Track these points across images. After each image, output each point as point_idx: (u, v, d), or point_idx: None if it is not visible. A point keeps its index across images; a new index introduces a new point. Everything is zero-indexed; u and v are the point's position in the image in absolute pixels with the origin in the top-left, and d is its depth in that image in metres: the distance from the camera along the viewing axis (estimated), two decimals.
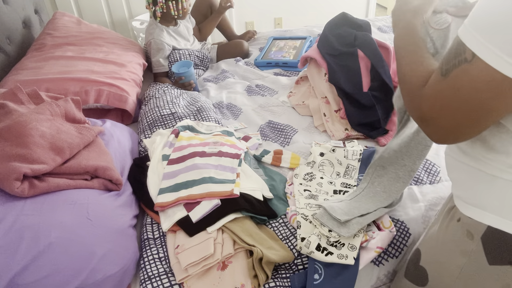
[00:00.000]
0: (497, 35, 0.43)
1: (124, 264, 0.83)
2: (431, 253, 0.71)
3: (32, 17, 1.86)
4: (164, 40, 1.78)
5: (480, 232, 0.58)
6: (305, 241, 0.86)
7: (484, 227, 0.57)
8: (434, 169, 1.11)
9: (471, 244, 0.60)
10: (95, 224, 0.83)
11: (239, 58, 2.00)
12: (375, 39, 1.55)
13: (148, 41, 1.80)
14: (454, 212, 0.64)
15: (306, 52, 1.64)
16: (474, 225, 0.59)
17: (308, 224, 0.92)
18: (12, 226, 0.75)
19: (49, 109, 0.99)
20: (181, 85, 1.67)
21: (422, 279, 0.71)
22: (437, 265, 0.68)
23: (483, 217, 0.57)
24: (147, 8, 1.79)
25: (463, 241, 0.61)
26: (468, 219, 0.60)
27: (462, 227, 0.62)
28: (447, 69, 0.49)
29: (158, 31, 1.78)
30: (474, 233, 0.59)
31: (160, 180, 1.06)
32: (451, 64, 0.48)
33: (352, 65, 1.42)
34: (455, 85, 0.48)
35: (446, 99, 0.49)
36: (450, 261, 0.64)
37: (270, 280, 0.84)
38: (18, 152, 0.84)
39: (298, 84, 1.61)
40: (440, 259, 0.67)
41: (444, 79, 0.49)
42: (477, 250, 0.59)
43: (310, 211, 0.95)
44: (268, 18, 3.09)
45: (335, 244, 0.86)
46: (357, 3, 3.24)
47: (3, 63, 1.52)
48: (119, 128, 1.26)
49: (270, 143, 1.31)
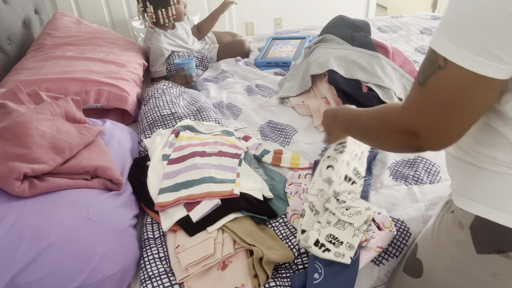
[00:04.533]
0: (464, 38, 0.45)
1: (124, 264, 0.83)
2: (426, 245, 0.73)
3: (32, 17, 1.87)
4: (163, 46, 1.78)
5: (469, 222, 0.60)
6: (305, 235, 0.85)
7: (472, 216, 0.59)
8: (434, 169, 1.11)
9: (461, 234, 0.62)
10: (95, 224, 0.83)
11: (239, 58, 2.00)
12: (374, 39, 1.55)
13: (147, 47, 1.80)
14: (450, 205, 0.66)
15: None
16: (464, 215, 0.61)
17: (312, 216, 0.91)
18: (12, 226, 0.74)
19: (49, 109, 0.99)
20: (182, 78, 1.67)
21: (418, 271, 0.73)
22: (431, 257, 0.70)
23: (472, 208, 0.59)
24: (140, 18, 1.79)
25: (454, 231, 0.63)
26: (460, 210, 0.62)
27: (454, 218, 0.64)
28: (424, 78, 0.50)
29: (156, 36, 1.78)
30: (463, 223, 0.61)
31: (160, 180, 1.06)
32: (427, 73, 0.50)
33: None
34: (435, 91, 0.49)
35: (429, 105, 0.51)
36: (443, 252, 0.66)
37: (270, 280, 0.84)
38: (18, 152, 0.84)
39: None
40: (434, 251, 0.69)
41: (423, 88, 0.51)
42: (466, 240, 0.61)
43: (319, 201, 0.94)
44: (268, 18, 3.09)
45: (333, 242, 0.86)
46: (357, 3, 3.24)
47: (3, 63, 1.52)
48: (119, 128, 1.26)
49: (270, 143, 1.31)
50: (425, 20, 2.25)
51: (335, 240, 0.86)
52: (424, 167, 1.12)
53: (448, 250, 0.65)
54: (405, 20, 2.29)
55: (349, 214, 0.90)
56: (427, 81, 0.50)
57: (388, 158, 1.17)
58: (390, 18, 2.34)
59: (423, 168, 1.12)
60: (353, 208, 0.91)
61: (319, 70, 1.43)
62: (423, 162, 1.14)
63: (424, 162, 1.13)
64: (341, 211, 0.90)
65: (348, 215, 0.89)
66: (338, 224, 0.90)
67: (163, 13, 1.74)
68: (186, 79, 1.66)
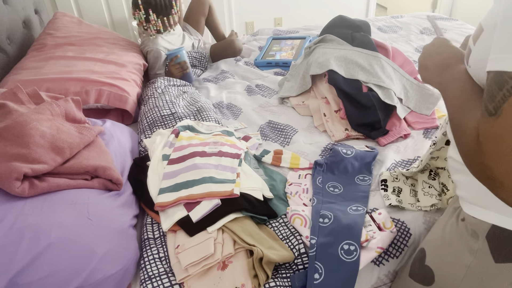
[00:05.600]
0: None
1: (124, 264, 0.83)
2: (436, 252, 0.71)
3: (32, 17, 1.86)
4: (160, 48, 1.78)
5: (484, 231, 0.59)
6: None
7: (488, 226, 0.58)
8: None
9: (476, 243, 0.60)
10: (95, 224, 0.83)
11: (239, 58, 2.00)
12: (374, 40, 1.55)
13: (145, 51, 1.80)
14: (459, 212, 0.65)
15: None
16: (478, 224, 0.59)
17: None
18: (13, 226, 0.74)
19: (50, 109, 0.99)
20: (177, 66, 1.68)
21: (428, 279, 0.71)
22: (443, 265, 0.69)
23: (486, 216, 0.58)
24: (138, 25, 1.79)
25: (468, 240, 0.62)
26: (472, 219, 0.61)
27: (466, 227, 0.62)
28: (495, 107, 0.42)
29: (152, 39, 1.79)
30: (478, 232, 0.60)
31: (160, 180, 1.06)
32: (496, 100, 0.42)
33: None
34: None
35: (507, 139, 0.40)
36: (457, 260, 0.65)
37: (271, 280, 0.84)
38: (19, 152, 0.84)
39: None
40: (446, 259, 0.68)
41: (495, 119, 0.42)
42: (483, 249, 0.59)
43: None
44: (268, 18, 3.09)
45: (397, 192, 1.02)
46: (357, 3, 3.24)
47: (3, 63, 1.52)
48: (119, 128, 1.26)
49: (270, 143, 1.31)
50: (425, 20, 2.25)
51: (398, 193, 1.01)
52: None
53: (464, 259, 0.63)
54: (405, 20, 2.29)
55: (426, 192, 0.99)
56: (499, 109, 0.41)
57: (388, 158, 1.17)
58: (390, 18, 2.34)
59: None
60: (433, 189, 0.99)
61: (319, 70, 1.43)
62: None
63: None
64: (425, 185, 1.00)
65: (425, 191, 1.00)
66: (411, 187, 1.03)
67: (165, 21, 1.75)
68: (181, 66, 1.69)
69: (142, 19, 1.73)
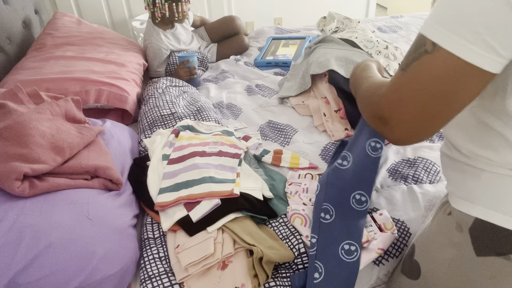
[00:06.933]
0: (459, 25, 0.43)
1: (124, 264, 0.83)
2: (423, 246, 0.72)
3: (32, 17, 1.87)
4: (161, 45, 1.78)
5: (468, 224, 0.59)
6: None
7: (472, 219, 0.58)
8: (434, 169, 1.11)
9: (459, 236, 0.61)
10: (95, 223, 0.83)
11: (239, 58, 2.00)
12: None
13: (145, 46, 1.80)
14: (447, 206, 0.66)
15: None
16: (463, 217, 0.60)
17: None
18: (13, 225, 0.75)
19: (49, 109, 0.99)
20: (185, 70, 1.69)
21: (416, 273, 0.72)
22: (428, 258, 0.70)
23: (471, 210, 0.59)
24: (146, 9, 1.79)
25: (452, 233, 0.62)
26: (458, 213, 0.61)
27: (452, 220, 0.63)
28: (407, 63, 0.48)
29: (155, 35, 1.79)
30: (462, 225, 0.60)
31: (160, 180, 1.06)
32: (410, 58, 0.48)
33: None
34: (416, 76, 0.47)
35: (406, 91, 0.48)
36: (440, 254, 0.65)
37: (270, 280, 0.84)
38: (19, 151, 0.84)
39: None
40: (431, 252, 0.68)
41: (404, 73, 0.49)
42: (465, 242, 0.60)
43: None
44: (268, 18, 3.09)
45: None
46: (357, 3, 3.24)
47: (3, 63, 1.52)
48: (119, 128, 1.26)
49: (270, 143, 1.31)
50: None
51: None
52: (424, 167, 1.12)
53: (446, 252, 0.64)
54: (405, 20, 2.29)
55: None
56: (409, 66, 0.48)
57: (387, 158, 1.17)
58: (390, 18, 2.35)
59: (422, 168, 1.12)
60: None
61: (320, 70, 1.43)
62: (423, 162, 1.13)
63: (424, 162, 1.13)
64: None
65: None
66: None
67: (173, 7, 1.74)
68: (190, 70, 1.69)
69: (150, 2, 1.73)
